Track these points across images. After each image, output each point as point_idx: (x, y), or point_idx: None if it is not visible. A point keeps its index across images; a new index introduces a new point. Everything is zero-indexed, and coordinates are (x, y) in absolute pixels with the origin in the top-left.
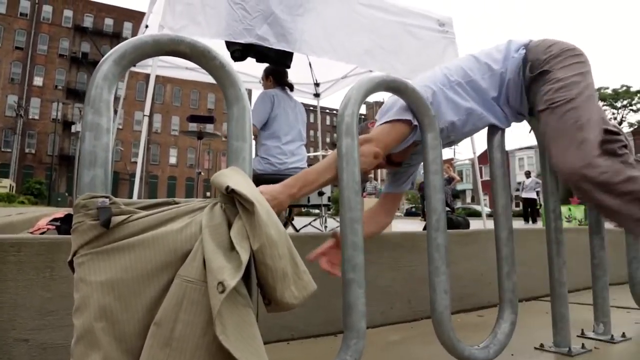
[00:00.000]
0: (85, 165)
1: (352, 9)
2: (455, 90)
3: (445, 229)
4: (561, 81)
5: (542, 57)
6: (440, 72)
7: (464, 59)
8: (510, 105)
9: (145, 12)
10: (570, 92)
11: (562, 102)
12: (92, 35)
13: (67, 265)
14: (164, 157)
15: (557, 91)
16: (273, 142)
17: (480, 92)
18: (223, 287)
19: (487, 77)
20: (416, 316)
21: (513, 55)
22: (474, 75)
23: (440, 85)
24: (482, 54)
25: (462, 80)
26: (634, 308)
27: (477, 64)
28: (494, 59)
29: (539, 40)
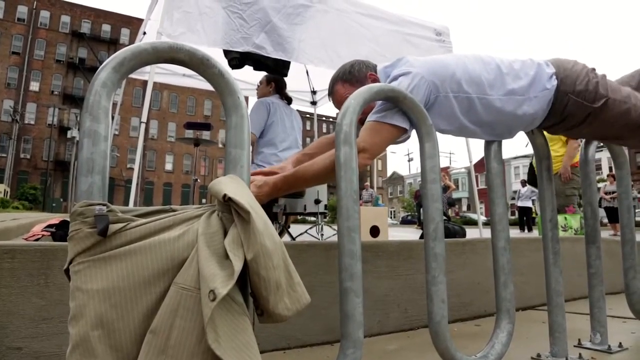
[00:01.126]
0: (82, 172)
1: (350, 18)
2: (461, 102)
3: (443, 238)
4: (626, 102)
5: (585, 86)
6: (455, 74)
7: (490, 69)
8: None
9: (143, 19)
10: (637, 104)
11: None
12: (89, 41)
13: (62, 272)
14: (160, 163)
15: (630, 110)
16: (270, 149)
17: (491, 110)
18: (214, 295)
19: (505, 99)
20: (413, 325)
21: (545, 85)
22: (491, 94)
23: (449, 91)
24: (509, 74)
25: (475, 96)
26: (630, 318)
27: (500, 83)
28: (520, 86)
29: (560, 67)
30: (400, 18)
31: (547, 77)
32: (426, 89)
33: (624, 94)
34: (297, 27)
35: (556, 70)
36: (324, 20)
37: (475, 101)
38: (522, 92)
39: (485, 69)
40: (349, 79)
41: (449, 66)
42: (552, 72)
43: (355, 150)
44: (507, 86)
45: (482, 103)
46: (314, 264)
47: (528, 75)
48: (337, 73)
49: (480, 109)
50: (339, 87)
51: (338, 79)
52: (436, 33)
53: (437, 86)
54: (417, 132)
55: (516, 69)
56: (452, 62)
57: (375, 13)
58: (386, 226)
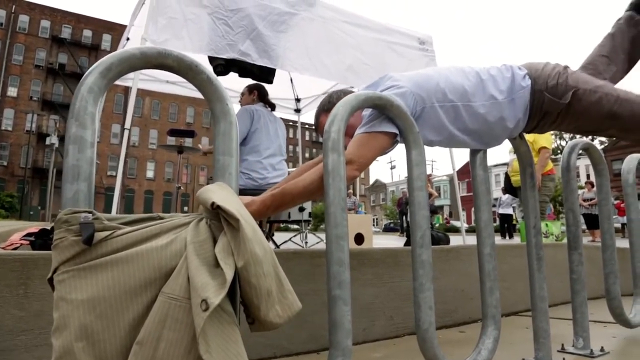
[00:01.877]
0: (68, 179)
1: (335, 26)
2: (447, 111)
3: (430, 246)
4: (596, 91)
5: (556, 81)
6: (439, 85)
7: (471, 77)
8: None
9: (125, 25)
10: (607, 100)
11: (613, 104)
12: (69, 46)
13: (42, 282)
14: (141, 170)
15: (600, 104)
16: (254, 156)
17: (477, 117)
18: (207, 305)
19: (488, 105)
20: (398, 332)
21: (521, 84)
22: (474, 101)
23: (435, 101)
24: (489, 80)
25: (459, 103)
26: (610, 322)
27: (481, 90)
28: (499, 90)
29: (532, 68)
30: (384, 27)
31: (521, 77)
32: (412, 101)
33: (596, 84)
34: (282, 34)
35: (528, 71)
36: (309, 28)
37: (461, 109)
38: (502, 95)
39: (466, 77)
40: (330, 108)
41: (431, 78)
42: (524, 72)
43: (343, 157)
44: (488, 92)
45: (467, 111)
46: (299, 272)
47: (505, 79)
48: (318, 106)
49: (466, 116)
50: (322, 119)
51: (320, 111)
52: (420, 42)
53: (422, 98)
54: (404, 140)
55: (494, 75)
56: (434, 74)
57: (359, 22)
58: (371, 234)
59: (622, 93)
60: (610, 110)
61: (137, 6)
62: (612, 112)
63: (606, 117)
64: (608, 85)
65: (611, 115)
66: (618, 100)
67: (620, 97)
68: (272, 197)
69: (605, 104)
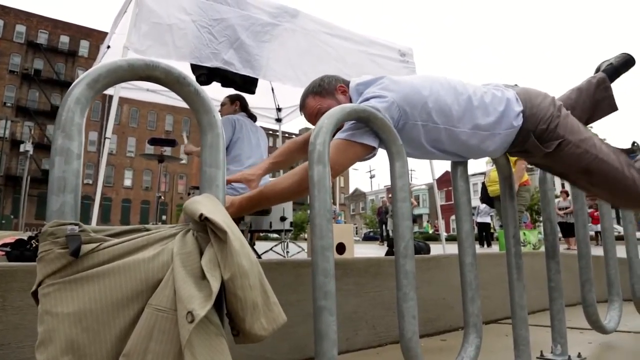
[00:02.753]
0: (54, 191)
1: (317, 37)
2: (428, 131)
3: (413, 256)
4: (578, 145)
5: (546, 126)
6: (427, 104)
7: (461, 101)
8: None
9: (104, 31)
10: (592, 153)
11: (597, 161)
12: (46, 52)
13: (20, 295)
14: (119, 179)
15: (583, 155)
16: (235, 166)
17: (456, 141)
18: (192, 317)
19: (470, 134)
20: (381, 342)
21: (512, 123)
22: (458, 127)
23: (418, 120)
24: (479, 108)
25: (442, 126)
26: (586, 329)
27: (468, 117)
28: (487, 122)
29: (528, 103)
30: (365, 38)
31: (514, 115)
32: (396, 114)
33: (582, 137)
34: (265, 44)
35: (524, 107)
36: (292, 38)
37: (442, 131)
38: (488, 128)
39: (457, 100)
40: (319, 91)
41: (422, 94)
42: (519, 110)
43: (328, 169)
44: (475, 121)
45: (448, 134)
46: (283, 282)
47: (497, 112)
48: (307, 87)
49: (445, 139)
50: (309, 100)
51: (309, 92)
52: (400, 54)
53: (407, 114)
54: (388, 152)
55: (486, 103)
56: (427, 89)
57: (341, 33)
58: (352, 243)
59: (603, 152)
60: (586, 166)
61: (119, 15)
62: (587, 169)
63: (579, 171)
64: (592, 140)
65: (585, 171)
66: (596, 159)
67: (598, 157)
68: (249, 199)
69: (584, 160)
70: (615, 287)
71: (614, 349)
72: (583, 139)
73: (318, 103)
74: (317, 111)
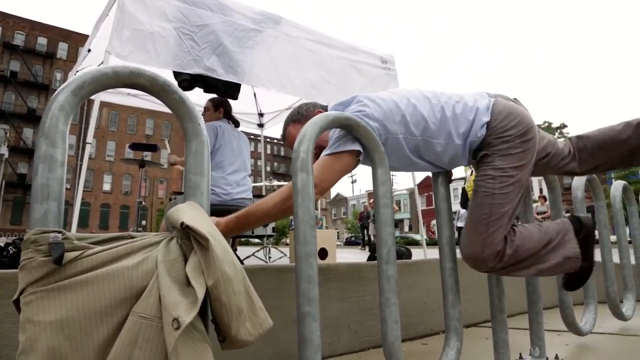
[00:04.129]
0: (37, 198)
1: (300, 44)
2: (408, 142)
3: (395, 261)
4: (496, 171)
5: (495, 140)
6: (405, 117)
7: (436, 112)
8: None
9: (83, 33)
10: (495, 185)
11: (485, 193)
12: (23, 53)
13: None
14: (98, 183)
15: (487, 179)
16: (218, 172)
17: (431, 152)
18: (178, 324)
19: (444, 144)
20: (363, 346)
21: (477, 134)
22: (434, 138)
23: (399, 134)
24: (452, 119)
25: (420, 137)
26: (563, 331)
27: (443, 129)
28: (458, 132)
29: (500, 116)
30: (348, 45)
31: (479, 126)
32: (376, 126)
33: (508, 170)
34: (248, 50)
35: (490, 119)
36: (275, 44)
37: (420, 143)
38: (459, 138)
39: (433, 112)
40: (298, 119)
41: (399, 108)
42: (485, 120)
43: (312, 176)
44: (448, 130)
45: (426, 145)
46: (266, 288)
47: (467, 121)
48: (287, 117)
49: (423, 148)
50: (290, 129)
51: (289, 122)
52: (382, 61)
53: (387, 128)
54: (370, 159)
55: (457, 114)
56: (404, 103)
57: (324, 40)
58: (334, 248)
59: (506, 199)
60: (480, 191)
61: (101, 18)
62: (477, 191)
63: (475, 191)
64: (511, 181)
65: (475, 192)
66: (492, 195)
67: (495, 194)
68: (237, 219)
69: (484, 185)
70: (590, 290)
71: (590, 350)
72: (506, 172)
73: (298, 131)
74: None
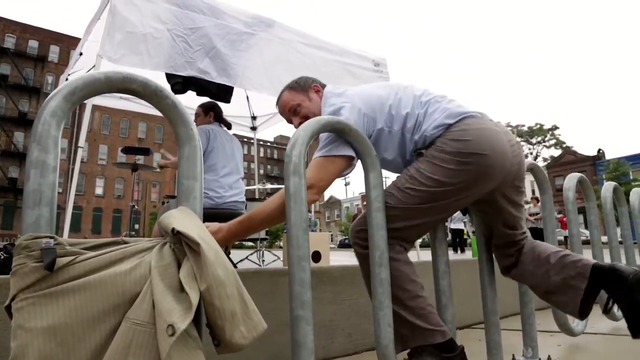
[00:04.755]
0: (29, 204)
1: (293, 47)
2: (392, 134)
3: (388, 265)
4: (416, 172)
5: (442, 144)
6: (390, 108)
7: (411, 104)
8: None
9: (74, 36)
10: (405, 184)
11: (392, 185)
12: (13, 56)
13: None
14: (90, 187)
15: (405, 175)
16: (211, 175)
17: (403, 146)
18: (173, 330)
19: (410, 137)
20: (357, 349)
21: (434, 133)
22: (407, 132)
23: (387, 125)
24: (425, 113)
25: (398, 130)
26: (556, 331)
27: (424, 121)
28: (430, 130)
29: (460, 129)
30: (340, 48)
31: (437, 125)
32: (365, 124)
33: (429, 178)
34: (241, 53)
35: (449, 123)
36: (268, 48)
37: (397, 135)
38: (431, 135)
39: (409, 103)
40: (295, 87)
41: (386, 102)
42: (447, 123)
43: (304, 180)
44: (423, 127)
45: (399, 138)
46: (259, 291)
47: (435, 121)
48: (286, 84)
49: (408, 144)
50: (285, 94)
51: (286, 87)
52: (374, 64)
53: (377, 123)
54: (362, 163)
55: (430, 112)
56: (391, 97)
57: (316, 43)
58: (328, 251)
59: (403, 204)
60: (394, 190)
61: (92, 21)
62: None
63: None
64: (421, 192)
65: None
66: (393, 197)
67: (394, 196)
68: (239, 224)
69: (399, 185)
70: None
71: (582, 351)
72: (429, 179)
73: (292, 97)
74: (290, 105)
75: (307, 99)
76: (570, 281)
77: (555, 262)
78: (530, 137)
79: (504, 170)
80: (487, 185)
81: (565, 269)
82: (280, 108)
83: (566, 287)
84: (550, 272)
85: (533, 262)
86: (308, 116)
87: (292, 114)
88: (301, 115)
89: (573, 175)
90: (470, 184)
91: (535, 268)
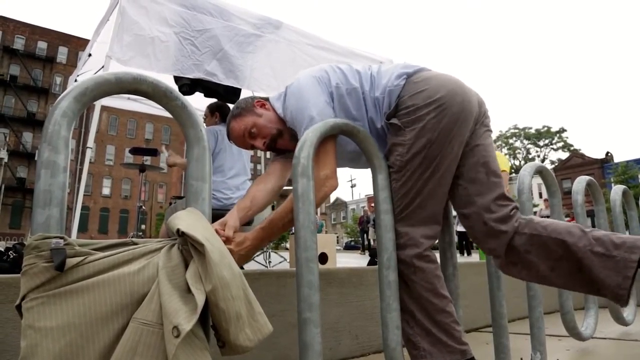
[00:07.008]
0: (39, 204)
1: (300, 49)
2: (350, 93)
3: (396, 267)
4: (404, 147)
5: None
6: (341, 70)
7: (361, 67)
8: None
9: (83, 37)
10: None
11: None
12: (22, 57)
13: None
14: (97, 187)
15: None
16: (218, 176)
17: (368, 109)
18: (178, 332)
19: (372, 96)
20: (364, 351)
21: (396, 81)
22: (366, 90)
23: (342, 82)
24: (371, 72)
25: (357, 87)
26: (564, 336)
27: (367, 80)
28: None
29: (421, 80)
30: (347, 50)
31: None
32: (334, 101)
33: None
34: (248, 55)
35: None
36: (275, 49)
37: (368, 96)
38: (394, 85)
39: (364, 68)
40: (238, 113)
41: (333, 71)
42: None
43: (312, 182)
44: (384, 81)
45: (367, 97)
46: (266, 293)
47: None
48: (229, 115)
49: (370, 105)
50: (233, 124)
51: (230, 119)
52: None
53: (329, 80)
54: (370, 165)
55: (383, 70)
56: (336, 68)
57: (323, 44)
58: (334, 253)
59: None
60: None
61: (101, 22)
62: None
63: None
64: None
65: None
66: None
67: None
68: (263, 230)
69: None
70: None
71: (591, 355)
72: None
73: (241, 123)
74: (243, 131)
75: (256, 117)
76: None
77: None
78: (538, 139)
79: (473, 105)
80: (467, 122)
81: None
82: (236, 140)
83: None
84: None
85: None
86: (269, 133)
87: (251, 138)
88: (261, 135)
89: (582, 178)
90: (452, 123)
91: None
